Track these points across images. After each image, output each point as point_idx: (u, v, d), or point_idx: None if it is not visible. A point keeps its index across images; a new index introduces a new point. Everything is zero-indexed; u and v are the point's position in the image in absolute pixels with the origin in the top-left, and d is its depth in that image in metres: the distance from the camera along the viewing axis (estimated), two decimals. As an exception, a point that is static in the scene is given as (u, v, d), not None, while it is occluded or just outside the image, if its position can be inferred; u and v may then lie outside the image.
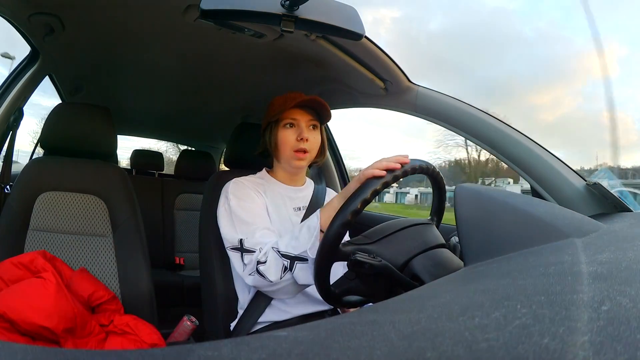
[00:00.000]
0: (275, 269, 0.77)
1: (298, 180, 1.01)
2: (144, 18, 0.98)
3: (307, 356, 0.20)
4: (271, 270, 0.77)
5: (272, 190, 0.95)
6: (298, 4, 0.62)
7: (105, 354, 0.21)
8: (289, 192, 0.97)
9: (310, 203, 0.98)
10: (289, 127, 0.93)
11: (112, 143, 1.17)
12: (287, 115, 0.92)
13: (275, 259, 0.77)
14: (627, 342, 0.18)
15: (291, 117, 0.92)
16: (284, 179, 0.99)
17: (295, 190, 0.99)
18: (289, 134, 0.92)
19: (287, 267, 0.76)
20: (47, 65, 1.24)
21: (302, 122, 0.92)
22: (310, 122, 0.94)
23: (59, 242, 1.06)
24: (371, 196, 0.64)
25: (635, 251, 0.36)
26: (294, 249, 0.75)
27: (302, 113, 0.93)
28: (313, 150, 0.94)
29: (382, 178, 0.65)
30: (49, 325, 0.78)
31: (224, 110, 1.79)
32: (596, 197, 0.81)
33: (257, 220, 0.87)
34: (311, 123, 0.94)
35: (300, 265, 0.75)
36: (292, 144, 0.92)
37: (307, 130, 0.93)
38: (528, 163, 0.90)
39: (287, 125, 0.93)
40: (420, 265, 0.63)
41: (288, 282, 0.78)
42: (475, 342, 0.20)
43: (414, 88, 1.06)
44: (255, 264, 0.79)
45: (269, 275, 0.77)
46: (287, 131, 0.93)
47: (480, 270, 0.38)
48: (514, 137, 0.92)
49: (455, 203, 0.48)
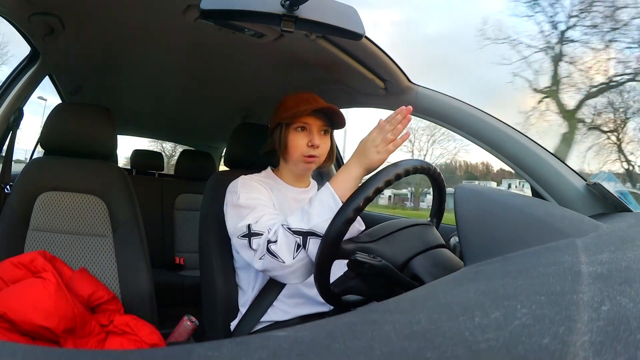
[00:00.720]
0: (287, 248, 0.74)
1: (303, 182, 1.01)
2: (144, 18, 0.98)
3: (307, 356, 0.20)
4: (283, 249, 0.74)
5: (279, 190, 0.95)
6: (298, 4, 0.62)
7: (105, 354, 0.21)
8: (295, 194, 0.97)
9: None
10: (301, 130, 0.92)
11: (112, 143, 1.17)
12: (300, 119, 0.91)
13: (287, 236, 0.74)
14: (627, 342, 0.18)
15: (304, 121, 0.91)
16: (289, 179, 0.98)
17: (301, 191, 0.99)
18: (300, 138, 0.91)
19: (300, 244, 0.73)
20: (47, 65, 1.24)
21: (314, 127, 0.91)
22: (322, 127, 0.93)
23: (59, 242, 1.06)
24: (374, 194, 0.64)
25: (635, 251, 0.36)
26: (307, 224, 0.73)
27: (315, 118, 0.92)
28: (322, 156, 0.94)
29: (386, 176, 0.65)
30: (49, 325, 0.78)
31: (224, 110, 1.79)
32: (596, 197, 0.81)
33: (265, 209, 0.84)
34: (323, 129, 0.93)
35: (313, 240, 0.72)
36: (302, 149, 0.91)
37: (319, 136, 0.92)
38: (528, 163, 0.90)
39: (298, 128, 0.92)
40: (420, 265, 0.63)
41: (301, 262, 0.74)
42: (475, 342, 0.20)
43: (414, 88, 1.06)
44: (266, 245, 0.76)
45: (282, 255, 0.74)
46: (298, 135, 0.92)
47: (480, 270, 0.38)
48: (514, 137, 0.92)
49: (455, 203, 0.48)
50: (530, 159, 0.90)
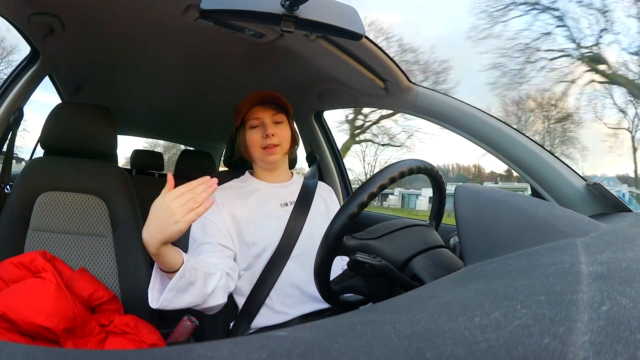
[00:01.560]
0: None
1: (281, 176, 1.01)
2: (144, 18, 0.98)
3: (307, 356, 0.20)
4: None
5: (257, 190, 0.96)
6: (298, 4, 0.62)
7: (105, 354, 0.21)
8: (274, 189, 0.98)
9: (298, 198, 0.98)
10: (255, 127, 0.94)
11: (112, 143, 1.17)
12: (250, 116, 0.94)
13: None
14: (627, 342, 0.18)
15: (254, 117, 0.94)
16: (266, 177, 0.99)
17: (280, 186, 0.99)
18: (255, 134, 0.94)
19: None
20: (47, 65, 1.24)
21: (265, 119, 0.94)
22: (273, 117, 0.95)
23: (59, 242, 1.06)
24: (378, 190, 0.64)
25: (635, 251, 0.36)
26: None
27: (264, 110, 0.94)
28: (284, 143, 0.95)
29: (390, 174, 0.65)
30: (49, 325, 0.78)
31: (224, 110, 1.78)
32: (596, 197, 0.81)
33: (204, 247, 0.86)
34: (274, 119, 0.95)
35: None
36: (259, 143, 0.93)
37: (272, 126, 0.93)
38: (528, 163, 0.90)
39: (252, 127, 0.94)
40: (420, 265, 0.63)
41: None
42: (475, 342, 0.20)
43: (414, 88, 1.06)
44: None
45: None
46: (253, 132, 0.94)
47: (480, 270, 0.38)
48: (514, 137, 0.92)
49: (455, 203, 0.48)
50: (530, 159, 0.89)
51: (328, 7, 0.67)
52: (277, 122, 0.95)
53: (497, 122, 0.95)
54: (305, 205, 0.96)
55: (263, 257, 0.90)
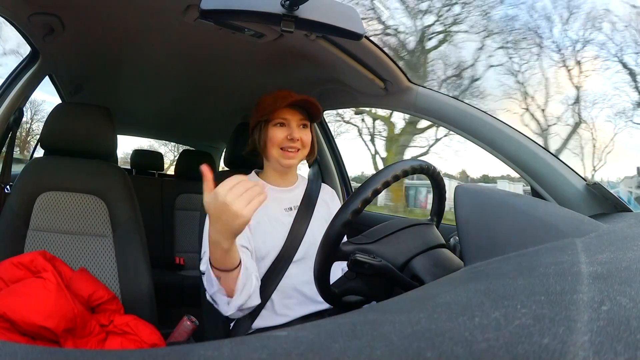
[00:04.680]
0: (208, 282, 0.75)
1: (288, 180, 1.00)
2: (144, 18, 0.98)
3: (307, 356, 0.20)
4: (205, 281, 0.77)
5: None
6: (298, 4, 0.62)
7: (105, 354, 0.21)
8: (278, 194, 0.97)
9: (302, 202, 0.97)
10: (280, 126, 0.93)
11: (112, 143, 1.17)
12: (277, 115, 0.92)
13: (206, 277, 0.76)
14: (627, 342, 0.18)
15: (282, 116, 0.92)
16: (273, 179, 0.98)
17: (285, 191, 0.98)
18: (278, 133, 0.92)
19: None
20: (47, 65, 1.24)
21: (292, 122, 0.92)
22: (300, 121, 0.94)
23: (59, 242, 1.06)
24: (372, 195, 0.64)
25: (635, 251, 0.36)
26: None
27: (293, 112, 0.93)
28: (304, 149, 0.94)
29: (384, 177, 0.65)
30: (49, 325, 0.78)
31: (224, 110, 1.79)
32: (596, 197, 0.81)
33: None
34: (302, 122, 0.94)
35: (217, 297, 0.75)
36: (281, 142, 0.92)
37: (298, 130, 0.93)
38: (528, 163, 0.90)
39: (277, 124, 0.93)
40: (420, 265, 0.63)
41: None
42: (475, 342, 0.20)
43: (413, 88, 1.06)
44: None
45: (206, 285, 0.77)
46: (277, 130, 0.92)
47: (480, 270, 0.38)
48: (514, 137, 0.92)
49: (455, 203, 0.48)
50: (530, 159, 0.89)
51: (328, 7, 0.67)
52: (303, 125, 0.95)
53: (497, 122, 0.95)
54: (308, 210, 0.96)
55: (266, 260, 0.90)
